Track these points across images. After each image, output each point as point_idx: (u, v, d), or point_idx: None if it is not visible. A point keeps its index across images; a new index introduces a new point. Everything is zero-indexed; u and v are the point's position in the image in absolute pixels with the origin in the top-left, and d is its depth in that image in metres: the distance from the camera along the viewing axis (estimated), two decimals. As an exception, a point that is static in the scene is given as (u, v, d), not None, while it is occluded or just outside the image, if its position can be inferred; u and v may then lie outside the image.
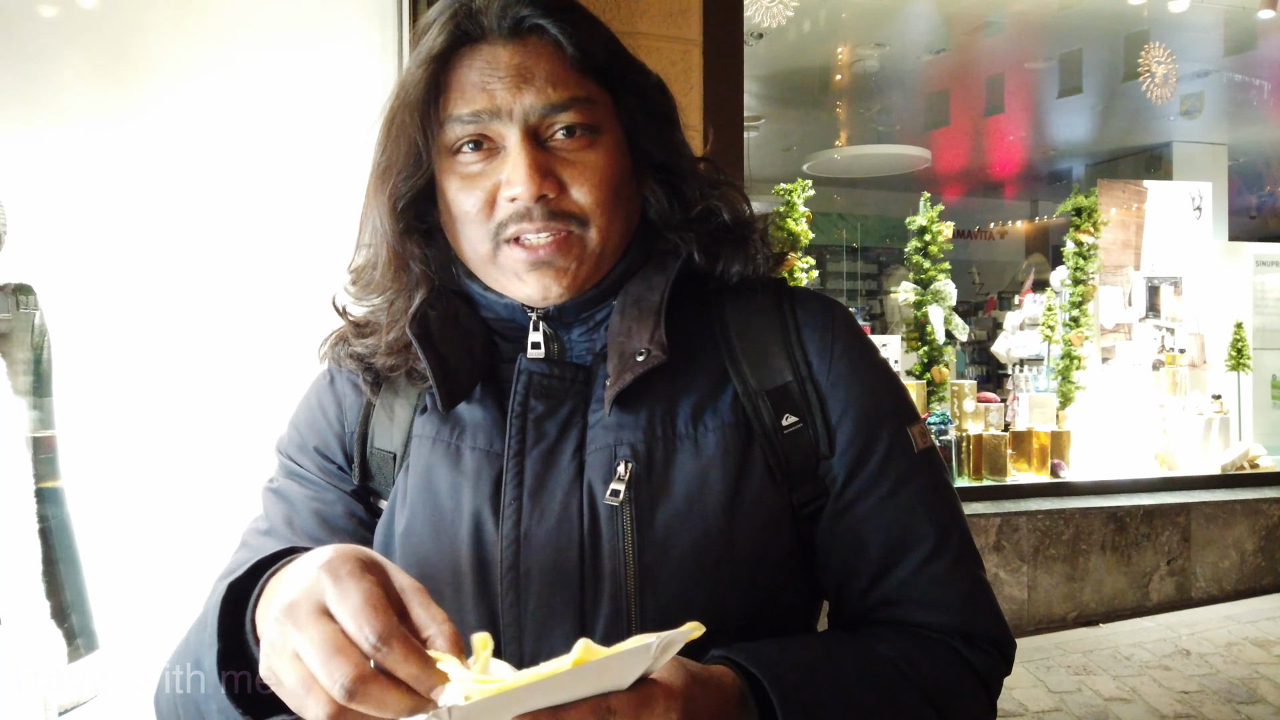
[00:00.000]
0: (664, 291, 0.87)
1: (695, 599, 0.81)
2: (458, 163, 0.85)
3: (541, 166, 0.81)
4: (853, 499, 0.87)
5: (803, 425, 0.87)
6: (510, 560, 0.82)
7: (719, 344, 0.90)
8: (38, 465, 1.54)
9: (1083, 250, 5.74)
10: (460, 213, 0.85)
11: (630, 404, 0.85)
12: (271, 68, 1.89)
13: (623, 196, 0.87)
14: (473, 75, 0.83)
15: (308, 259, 1.77)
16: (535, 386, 0.86)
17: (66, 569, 1.53)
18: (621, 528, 0.81)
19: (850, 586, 0.88)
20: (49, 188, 1.64)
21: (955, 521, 0.89)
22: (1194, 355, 6.10)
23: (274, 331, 1.77)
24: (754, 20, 4.68)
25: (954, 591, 0.86)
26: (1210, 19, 5.74)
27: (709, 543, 0.82)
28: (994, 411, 5.31)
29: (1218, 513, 5.04)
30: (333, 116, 1.88)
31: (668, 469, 0.83)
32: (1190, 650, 4.26)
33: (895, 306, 5.87)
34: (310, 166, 1.87)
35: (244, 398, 1.73)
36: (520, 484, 0.83)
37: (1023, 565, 4.61)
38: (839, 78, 6.76)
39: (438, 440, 0.88)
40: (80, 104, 1.73)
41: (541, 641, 0.81)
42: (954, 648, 0.84)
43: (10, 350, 1.52)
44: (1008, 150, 9.02)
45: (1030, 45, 6.31)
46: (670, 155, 0.91)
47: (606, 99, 0.87)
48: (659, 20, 2.25)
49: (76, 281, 1.65)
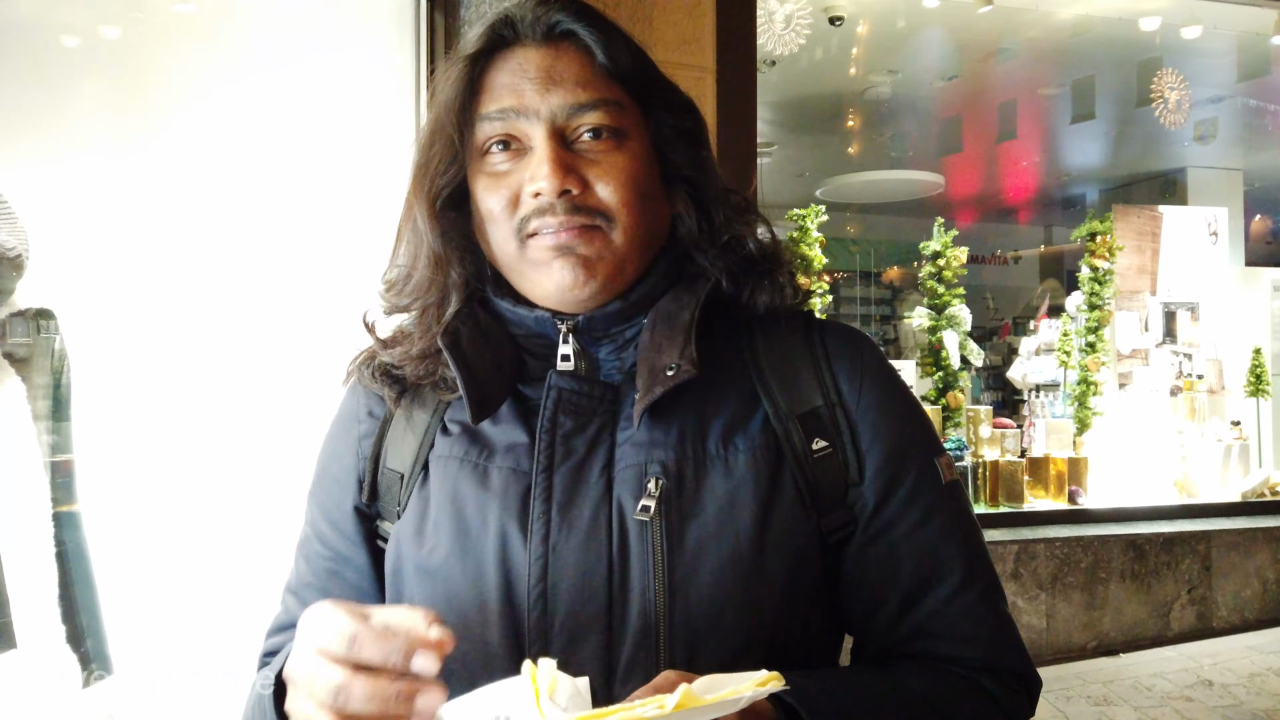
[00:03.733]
0: (694, 310, 0.87)
1: (725, 620, 0.80)
2: (486, 162, 0.86)
3: (565, 163, 0.82)
4: (882, 528, 0.86)
5: (833, 450, 0.87)
6: (538, 575, 0.81)
7: (749, 368, 0.90)
8: (55, 489, 1.55)
9: (1098, 275, 5.71)
10: (487, 211, 0.86)
11: (660, 421, 0.85)
12: (287, 86, 1.91)
13: (649, 201, 0.87)
14: (504, 76, 0.85)
15: (327, 279, 1.78)
16: (564, 403, 0.86)
17: (83, 593, 1.54)
18: (651, 544, 0.81)
19: (878, 618, 0.87)
20: (70, 212, 1.66)
21: (981, 555, 0.89)
22: (1212, 381, 6.05)
23: (295, 354, 1.78)
24: (767, 48, 4.70)
25: (982, 626, 0.85)
26: (1223, 45, 5.74)
27: (739, 564, 0.81)
28: (1010, 437, 5.27)
29: (1239, 541, 4.97)
30: (351, 129, 1.90)
31: (699, 487, 0.83)
32: (1213, 681, 4.19)
33: (909, 332, 5.84)
34: (328, 182, 1.89)
35: (263, 422, 1.73)
36: (549, 499, 0.83)
37: (1041, 593, 4.55)
38: (851, 104, 6.79)
39: (465, 461, 0.88)
40: (100, 129, 1.75)
41: (569, 658, 0.79)
42: (982, 684, 0.83)
43: (30, 375, 1.53)
44: (1021, 176, 9.02)
45: (1042, 71, 6.32)
46: (699, 173, 0.91)
47: (635, 107, 0.88)
48: (673, 48, 2.27)
49: (96, 305, 1.66)
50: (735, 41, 2.42)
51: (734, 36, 2.42)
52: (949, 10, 5.02)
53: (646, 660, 0.78)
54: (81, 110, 1.73)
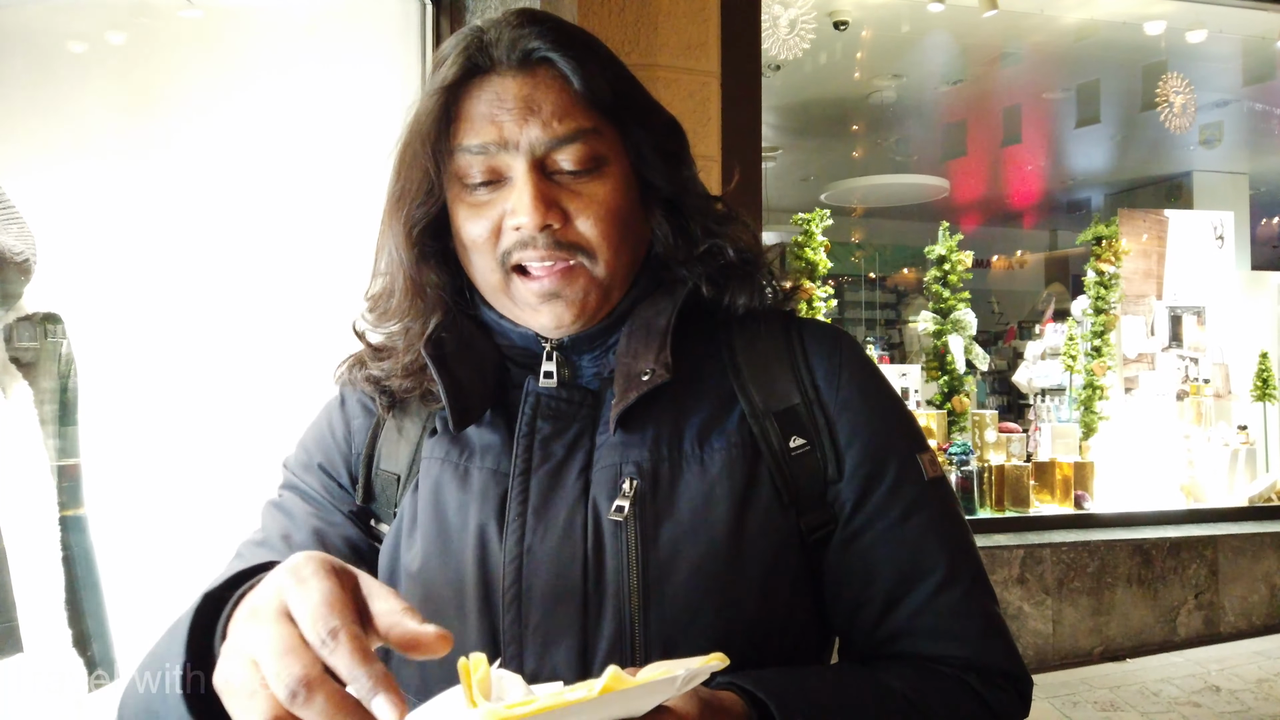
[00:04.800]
0: (670, 316, 0.88)
1: (701, 620, 0.80)
2: (466, 192, 0.86)
3: (546, 197, 0.83)
4: (861, 526, 0.86)
5: (810, 448, 0.87)
6: (513, 577, 0.81)
7: (726, 367, 0.91)
8: (61, 493, 1.55)
9: (1104, 279, 5.70)
10: (469, 240, 0.86)
11: (636, 424, 0.85)
12: (293, 92, 1.92)
13: (629, 229, 0.88)
14: (481, 106, 0.84)
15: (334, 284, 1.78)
16: (543, 408, 0.87)
17: (89, 597, 1.54)
18: (625, 544, 0.81)
19: (860, 617, 0.87)
20: (77, 217, 1.66)
21: (967, 552, 0.88)
22: (1218, 385, 6.03)
23: (301, 358, 1.78)
24: (771, 52, 4.71)
25: (967, 623, 0.84)
26: (1229, 49, 5.73)
27: (715, 562, 0.81)
28: (1016, 442, 5.26)
29: (1246, 545, 4.95)
30: (357, 136, 1.90)
31: (673, 487, 0.83)
32: (1220, 687, 4.16)
33: (914, 336, 5.83)
34: (334, 188, 1.89)
35: (269, 427, 1.74)
36: (525, 501, 0.84)
37: (1047, 598, 4.54)
38: (856, 109, 6.79)
39: (446, 461, 0.89)
40: (107, 134, 1.76)
41: (543, 659, 0.80)
42: (968, 683, 0.82)
43: (36, 379, 1.53)
44: (1026, 180, 9.01)
45: (1047, 76, 6.32)
46: (677, 191, 0.92)
47: (613, 131, 0.88)
48: (678, 53, 2.28)
49: (103, 310, 1.67)
50: (740, 46, 2.43)
51: (739, 41, 2.43)
52: (953, 15, 5.01)
53: (622, 661, 0.78)
54: (89, 115, 1.74)
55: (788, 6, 4.62)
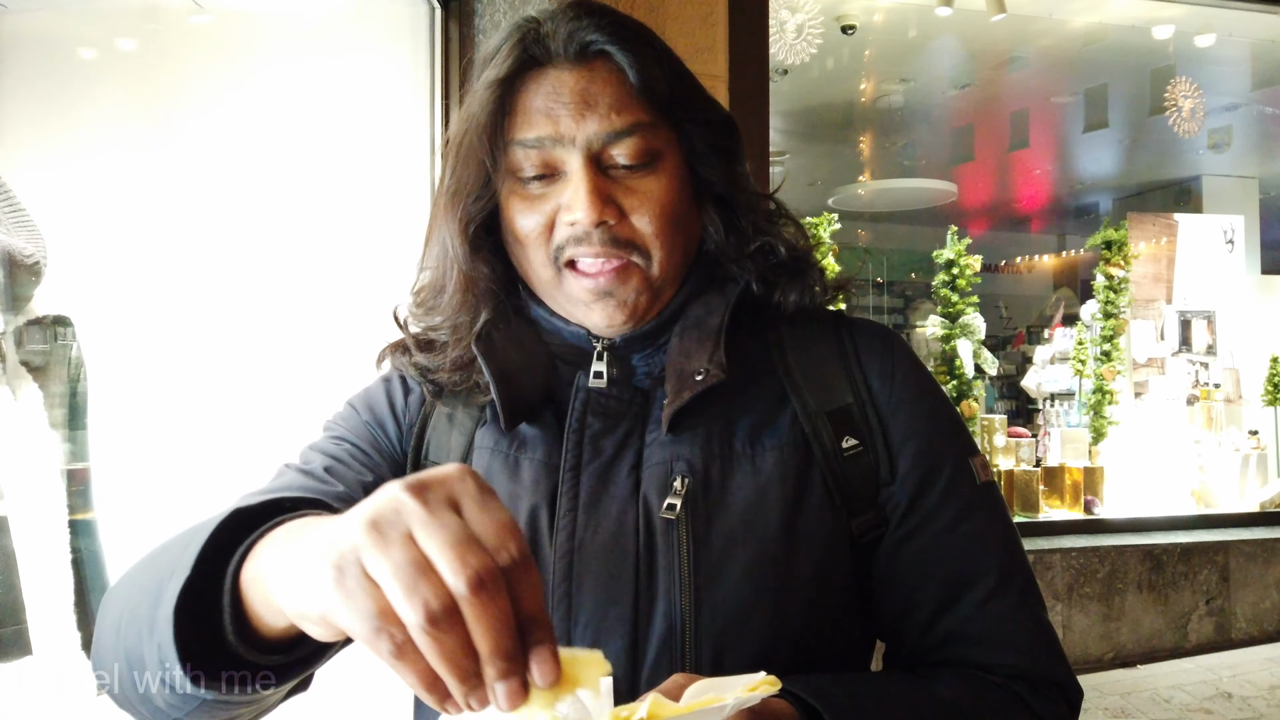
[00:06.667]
0: (724, 315, 0.87)
1: (752, 622, 0.79)
2: (520, 185, 0.85)
3: (602, 192, 0.82)
4: (913, 529, 0.85)
5: (863, 449, 0.86)
6: (563, 573, 0.80)
7: (777, 367, 0.90)
8: (71, 497, 1.55)
9: (1113, 284, 5.68)
10: (521, 235, 0.85)
11: (688, 423, 0.84)
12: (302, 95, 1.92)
13: (683, 226, 0.87)
14: (538, 100, 0.83)
15: (345, 286, 1.78)
16: (593, 405, 0.86)
17: (98, 601, 1.53)
18: (677, 542, 0.80)
19: (909, 622, 0.85)
20: (88, 220, 1.66)
21: (1018, 559, 0.86)
22: (1229, 390, 5.99)
23: (313, 359, 1.78)
24: (779, 57, 4.71)
25: (1018, 632, 0.83)
26: (1237, 53, 5.71)
27: (766, 563, 0.80)
28: (1025, 447, 5.24)
29: (1257, 551, 4.92)
30: (366, 138, 1.91)
31: (725, 486, 0.82)
32: (1232, 693, 4.13)
33: (922, 340, 5.81)
34: (343, 190, 1.89)
35: (280, 430, 1.74)
36: (575, 497, 0.83)
37: (1057, 604, 4.51)
38: (863, 113, 6.78)
39: (496, 450, 0.88)
40: (118, 138, 1.76)
41: None
42: (1018, 693, 0.81)
43: (46, 383, 1.53)
44: (1034, 184, 8.99)
45: (1055, 80, 6.30)
46: (730, 188, 0.91)
47: (668, 126, 0.87)
48: (686, 57, 2.26)
49: (114, 313, 1.67)
50: (747, 50, 2.42)
51: (746, 45, 2.42)
52: (961, 19, 5.00)
53: (671, 662, 0.77)
54: (99, 119, 1.74)
55: (795, 11, 4.61)
